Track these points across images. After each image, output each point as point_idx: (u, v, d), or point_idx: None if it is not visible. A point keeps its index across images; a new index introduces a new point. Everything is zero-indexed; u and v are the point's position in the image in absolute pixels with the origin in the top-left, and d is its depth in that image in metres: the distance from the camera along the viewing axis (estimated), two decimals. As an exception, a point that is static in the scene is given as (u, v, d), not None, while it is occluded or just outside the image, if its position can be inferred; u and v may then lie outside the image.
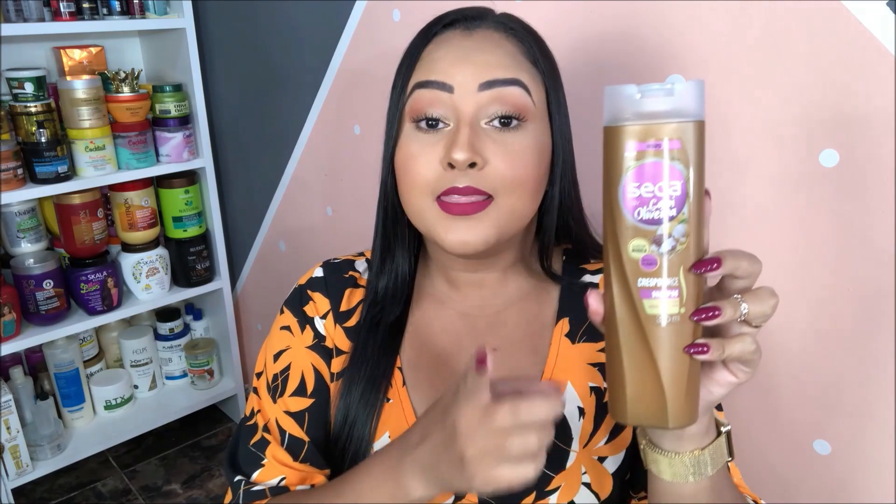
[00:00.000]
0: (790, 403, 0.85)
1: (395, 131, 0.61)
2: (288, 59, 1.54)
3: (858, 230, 0.73)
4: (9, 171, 1.54)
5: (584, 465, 0.64)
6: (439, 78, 0.58)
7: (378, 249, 0.68)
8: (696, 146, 0.42)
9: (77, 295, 1.74)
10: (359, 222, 1.50)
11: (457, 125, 0.58)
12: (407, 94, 0.60)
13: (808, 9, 0.71)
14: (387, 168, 0.63)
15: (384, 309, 0.68)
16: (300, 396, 0.68)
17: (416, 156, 0.59)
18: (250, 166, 1.83)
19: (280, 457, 0.67)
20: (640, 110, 0.42)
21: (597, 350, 0.66)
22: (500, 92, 0.57)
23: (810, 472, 0.85)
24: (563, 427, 0.64)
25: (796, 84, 0.74)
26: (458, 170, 0.57)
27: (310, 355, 0.69)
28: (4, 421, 1.65)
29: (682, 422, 0.45)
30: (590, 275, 0.70)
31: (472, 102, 0.58)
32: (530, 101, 0.59)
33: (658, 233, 0.42)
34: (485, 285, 0.68)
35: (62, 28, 1.59)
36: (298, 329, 0.70)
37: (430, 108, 0.58)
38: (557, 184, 0.64)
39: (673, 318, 0.43)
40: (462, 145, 0.56)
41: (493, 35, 0.60)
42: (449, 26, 0.62)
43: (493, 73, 0.57)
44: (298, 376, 0.69)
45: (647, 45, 0.86)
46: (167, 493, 1.88)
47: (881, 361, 0.75)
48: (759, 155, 0.79)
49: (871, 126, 0.70)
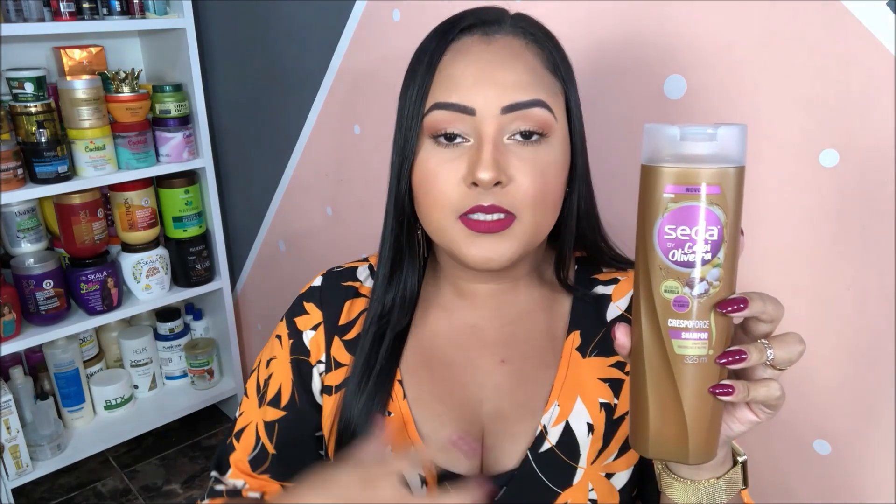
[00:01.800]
0: (790, 403, 0.85)
1: (412, 145, 0.59)
2: (288, 59, 1.54)
3: (858, 230, 0.73)
4: (9, 171, 1.54)
5: (592, 482, 0.62)
6: (460, 101, 0.56)
7: (388, 262, 0.66)
8: (736, 192, 0.41)
9: (77, 295, 1.74)
10: (359, 222, 1.50)
11: (479, 142, 0.56)
12: (425, 110, 0.58)
13: (808, 9, 0.71)
14: (404, 181, 0.61)
15: (390, 321, 0.67)
16: (274, 407, 0.70)
17: (437, 173, 0.57)
18: (250, 166, 1.83)
19: (241, 466, 0.70)
20: (680, 152, 0.41)
21: (608, 365, 0.65)
22: (523, 113, 0.56)
23: (810, 472, 0.85)
24: (570, 444, 0.62)
25: (796, 84, 0.74)
26: (483, 189, 0.56)
27: (289, 370, 0.70)
28: (4, 421, 1.65)
29: (703, 459, 0.45)
30: (602, 286, 0.68)
31: (494, 124, 0.56)
32: (552, 118, 0.58)
33: (692, 276, 0.42)
34: (495, 295, 0.67)
35: (62, 28, 1.59)
36: (287, 340, 0.71)
37: (450, 126, 0.57)
38: (576, 191, 0.63)
39: (700, 359, 0.43)
40: (487, 165, 0.55)
41: (512, 44, 0.59)
42: (466, 31, 0.60)
43: (514, 95, 0.56)
44: (276, 387, 0.70)
45: (647, 45, 0.86)
46: (167, 493, 1.88)
47: (881, 362, 0.75)
48: (759, 155, 0.79)
49: (871, 126, 0.70)
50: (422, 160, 0.59)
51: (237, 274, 2.07)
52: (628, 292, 0.67)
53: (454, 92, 0.57)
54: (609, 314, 0.66)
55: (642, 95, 0.88)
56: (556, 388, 0.63)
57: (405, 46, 0.63)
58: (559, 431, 0.62)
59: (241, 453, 0.70)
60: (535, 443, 0.62)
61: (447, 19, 0.62)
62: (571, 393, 0.63)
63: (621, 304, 0.67)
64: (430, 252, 0.70)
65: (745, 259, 0.84)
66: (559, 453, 0.62)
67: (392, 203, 0.64)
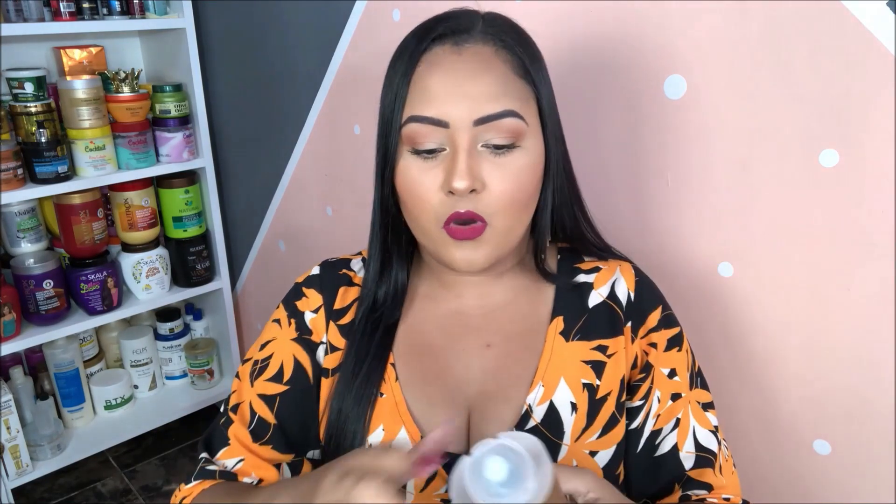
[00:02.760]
0: (790, 403, 0.85)
1: (392, 153, 0.62)
2: (288, 59, 1.54)
3: (858, 230, 0.73)
4: (9, 171, 1.54)
5: (576, 459, 0.65)
6: (434, 115, 0.59)
7: (377, 260, 0.70)
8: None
9: (77, 295, 1.74)
10: (358, 222, 1.50)
11: (454, 152, 0.59)
12: (402, 121, 0.61)
13: (808, 9, 0.71)
14: (387, 186, 0.65)
15: (384, 314, 0.70)
16: (276, 382, 0.71)
17: (418, 182, 0.61)
18: (250, 166, 1.83)
19: (241, 437, 0.70)
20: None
21: (590, 348, 0.67)
22: (495, 124, 0.59)
23: (810, 472, 0.85)
24: (555, 422, 0.65)
25: (796, 84, 0.74)
26: (458, 196, 0.59)
27: (293, 347, 0.72)
28: (4, 421, 1.65)
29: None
30: (584, 274, 0.71)
31: (467, 135, 0.59)
32: (523, 125, 0.60)
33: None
34: (479, 284, 0.70)
35: (62, 28, 1.59)
36: (287, 322, 0.73)
37: (426, 140, 0.60)
38: (551, 185, 0.66)
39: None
40: (461, 174, 0.58)
41: (482, 52, 0.61)
42: (437, 40, 0.62)
43: (486, 108, 0.59)
44: (278, 364, 0.71)
45: (647, 45, 0.86)
46: (167, 493, 1.88)
47: (881, 362, 0.75)
48: (759, 155, 0.79)
49: (871, 126, 0.70)
50: (403, 167, 0.62)
51: (237, 274, 2.07)
52: (609, 280, 0.70)
53: (428, 105, 0.60)
54: (591, 301, 0.70)
55: (642, 95, 0.88)
56: (540, 369, 0.66)
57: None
58: (543, 410, 0.65)
59: (239, 425, 0.70)
60: (520, 421, 0.65)
61: (422, 24, 0.64)
62: (556, 374, 0.66)
63: (602, 292, 0.70)
64: (414, 247, 0.73)
65: (745, 259, 0.84)
66: (544, 430, 0.65)
67: (378, 204, 0.67)
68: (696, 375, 0.71)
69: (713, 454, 0.68)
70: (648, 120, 0.88)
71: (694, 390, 0.70)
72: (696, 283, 0.88)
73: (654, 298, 0.71)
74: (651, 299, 0.70)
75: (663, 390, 0.68)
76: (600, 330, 0.68)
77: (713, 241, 0.86)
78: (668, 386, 0.68)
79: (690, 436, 0.68)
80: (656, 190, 0.90)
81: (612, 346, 0.68)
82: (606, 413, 0.66)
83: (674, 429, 0.68)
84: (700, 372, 0.72)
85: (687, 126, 0.85)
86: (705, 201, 0.86)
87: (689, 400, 0.69)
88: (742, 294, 0.85)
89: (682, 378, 0.69)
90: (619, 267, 0.72)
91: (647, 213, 0.92)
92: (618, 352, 0.67)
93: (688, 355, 0.70)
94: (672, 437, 0.68)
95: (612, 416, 0.66)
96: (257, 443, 0.70)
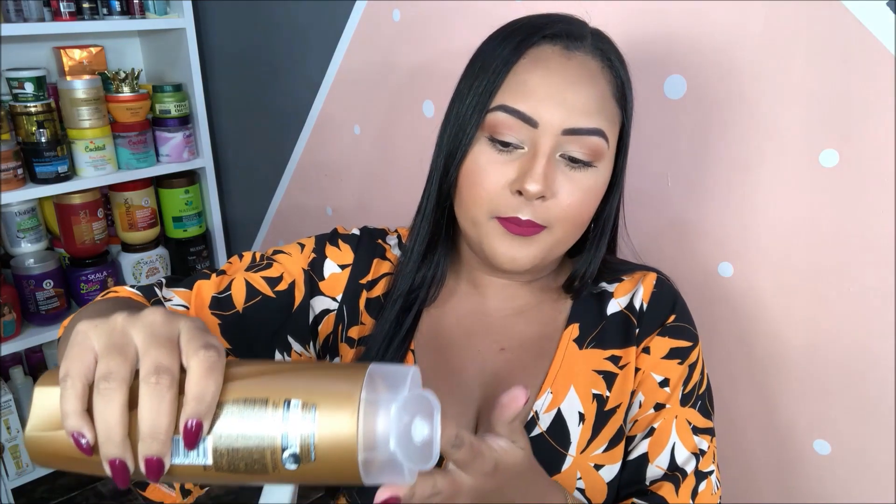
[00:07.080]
0: (790, 403, 0.85)
1: (468, 137, 0.60)
2: (288, 59, 1.54)
3: (858, 230, 0.73)
4: (9, 171, 1.54)
5: (580, 471, 0.63)
6: (527, 111, 0.57)
7: (424, 242, 0.68)
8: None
9: (77, 295, 1.74)
10: (359, 222, 1.49)
11: (533, 153, 0.58)
12: (489, 107, 0.59)
13: (808, 9, 0.71)
14: (454, 169, 0.62)
15: (418, 297, 0.69)
16: (267, 284, 0.70)
17: (486, 171, 0.59)
18: (250, 166, 1.83)
19: (203, 294, 0.68)
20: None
21: (603, 358, 0.66)
22: (581, 139, 0.58)
23: (810, 472, 0.85)
24: (561, 431, 0.64)
25: (796, 84, 0.74)
26: (525, 199, 0.58)
27: (299, 273, 0.71)
28: (4, 421, 1.65)
29: None
30: (605, 283, 0.70)
31: (552, 140, 0.58)
32: (605, 146, 0.59)
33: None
34: (506, 288, 0.70)
35: (62, 28, 1.59)
36: (309, 253, 0.72)
37: (509, 132, 0.58)
38: (605, 210, 0.65)
39: None
40: (537, 177, 0.57)
41: (590, 64, 0.59)
42: (548, 39, 0.60)
43: (579, 120, 0.57)
44: (279, 273, 0.70)
45: (647, 45, 0.86)
46: (167, 493, 1.87)
47: (881, 361, 0.75)
48: (759, 155, 0.79)
49: (871, 126, 0.70)
50: (474, 154, 0.60)
51: (237, 274, 2.07)
52: (630, 290, 0.69)
53: (523, 100, 0.58)
54: (609, 310, 0.68)
55: (642, 95, 0.88)
56: (550, 375, 0.65)
57: (405, 47, 0.63)
58: (550, 418, 0.64)
59: (210, 286, 0.69)
60: (525, 428, 0.63)
61: (530, 19, 0.62)
62: (565, 382, 0.65)
63: (622, 301, 0.69)
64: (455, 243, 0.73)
65: (745, 259, 0.84)
66: (549, 439, 0.63)
67: (436, 188, 0.65)
68: (697, 397, 0.66)
69: (684, 475, 0.62)
70: (648, 120, 0.88)
71: (686, 408, 0.65)
72: (696, 283, 0.88)
73: (668, 308, 0.68)
74: (664, 308, 0.68)
75: (648, 396, 0.65)
76: (615, 339, 0.67)
77: (713, 241, 0.86)
78: (655, 393, 0.65)
79: (667, 451, 0.63)
80: (656, 190, 0.90)
81: (625, 356, 0.66)
82: (614, 426, 0.64)
83: (646, 437, 0.64)
84: (706, 398, 0.67)
85: (687, 126, 0.85)
86: (705, 201, 0.86)
87: (676, 414, 0.64)
88: (742, 294, 0.85)
89: (674, 391, 0.65)
90: (643, 277, 0.70)
91: (647, 213, 0.92)
92: (629, 363, 0.66)
93: (693, 372, 0.66)
94: (643, 446, 0.64)
95: (620, 430, 0.65)
96: (211, 310, 0.67)
